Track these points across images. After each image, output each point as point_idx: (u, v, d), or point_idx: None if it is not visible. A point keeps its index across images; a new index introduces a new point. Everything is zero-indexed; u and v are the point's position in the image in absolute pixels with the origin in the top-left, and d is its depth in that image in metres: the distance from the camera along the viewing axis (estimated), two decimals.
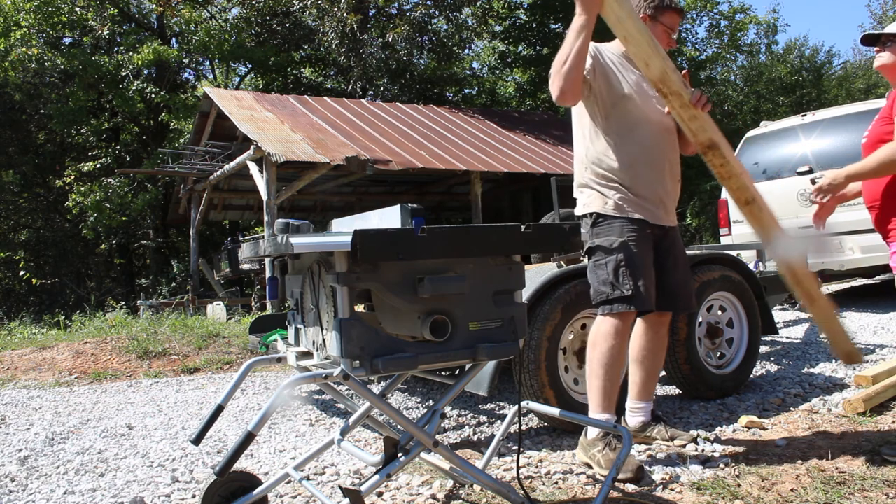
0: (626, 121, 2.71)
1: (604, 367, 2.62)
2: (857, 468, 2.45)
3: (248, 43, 18.51)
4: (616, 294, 2.60)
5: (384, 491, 2.44)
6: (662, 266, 2.79)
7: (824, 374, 4.07)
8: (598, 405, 2.63)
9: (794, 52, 24.89)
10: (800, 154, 6.82)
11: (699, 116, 2.54)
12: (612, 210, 2.69)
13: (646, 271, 2.65)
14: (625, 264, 2.61)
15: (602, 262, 2.65)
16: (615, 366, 2.62)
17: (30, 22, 16.54)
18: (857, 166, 2.54)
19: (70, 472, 2.92)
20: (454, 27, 16.69)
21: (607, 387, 2.62)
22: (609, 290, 2.62)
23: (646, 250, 2.68)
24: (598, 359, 2.63)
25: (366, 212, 2.48)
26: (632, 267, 2.61)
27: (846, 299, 7.72)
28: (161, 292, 14.75)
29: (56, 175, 18.39)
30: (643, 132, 2.71)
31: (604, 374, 2.62)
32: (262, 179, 9.86)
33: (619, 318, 2.62)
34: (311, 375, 1.98)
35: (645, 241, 2.69)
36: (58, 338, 6.77)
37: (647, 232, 2.70)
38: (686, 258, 2.91)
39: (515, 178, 12.39)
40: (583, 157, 2.80)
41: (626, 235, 2.64)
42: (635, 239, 2.65)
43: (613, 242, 2.64)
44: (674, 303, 2.82)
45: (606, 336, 2.63)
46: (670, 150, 2.79)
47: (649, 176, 2.72)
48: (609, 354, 2.61)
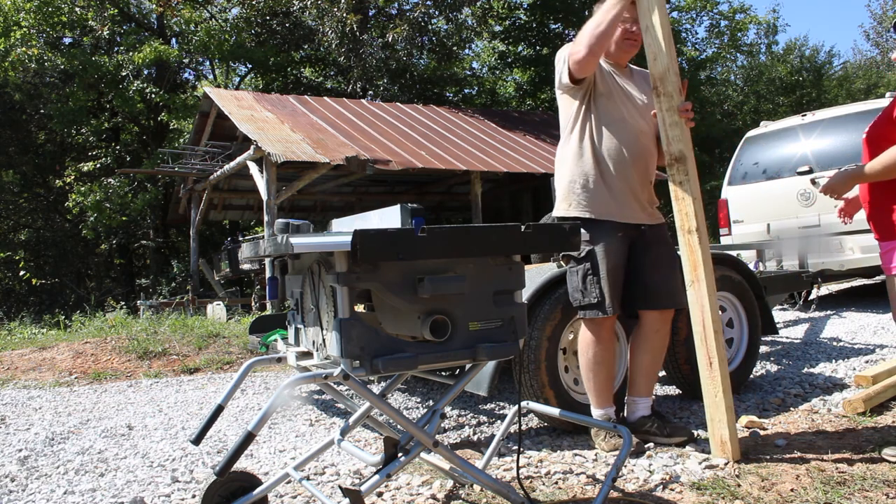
0: (606, 118, 2.79)
1: (592, 370, 2.85)
2: (857, 468, 2.45)
3: (248, 43, 18.51)
4: (586, 301, 2.78)
5: (384, 491, 2.44)
6: (641, 264, 2.87)
7: (824, 374, 4.07)
8: (595, 402, 2.89)
9: (794, 52, 24.91)
10: (800, 154, 6.82)
11: (680, 125, 2.62)
12: (576, 212, 2.79)
13: (613, 276, 2.76)
14: (591, 272, 2.77)
15: (574, 270, 2.83)
16: (603, 366, 2.84)
17: (30, 22, 16.54)
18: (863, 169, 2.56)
19: (70, 472, 2.92)
20: (454, 27, 16.69)
21: (600, 386, 2.86)
22: (580, 297, 2.81)
23: (615, 253, 2.77)
24: (586, 364, 2.86)
25: (366, 212, 2.48)
26: (597, 275, 2.76)
27: (846, 299, 7.72)
28: (161, 292, 14.76)
29: (56, 175, 18.40)
30: (620, 131, 2.79)
31: (594, 377, 2.85)
32: (262, 179, 9.86)
33: (595, 324, 2.81)
34: (311, 375, 1.98)
35: (614, 244, 2.77)
36: (58, 338, 6.77)
37: (618, 235, 2.79)
38: (671, 255, 2.93)
39: (515, 178, 12.39)
40: (559, 156, 2.92)
41: (594, 242, 2.77)
42: (602, 244, 2.76)
43: (582, 251, 2.77)
44: (656, 300, 2.87)
45: (589, 343, 2.84)
46: (646, 153, 2.86)
47: (623, 173, 2.79)
48: (595, 359, 2.83)
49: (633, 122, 2.83)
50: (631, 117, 2.82)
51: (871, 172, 2.54)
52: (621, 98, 2.82)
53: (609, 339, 2.86)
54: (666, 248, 2.93)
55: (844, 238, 6.25)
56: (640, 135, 2.84)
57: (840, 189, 2.66)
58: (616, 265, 2.79)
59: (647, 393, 2.95)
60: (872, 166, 2.53)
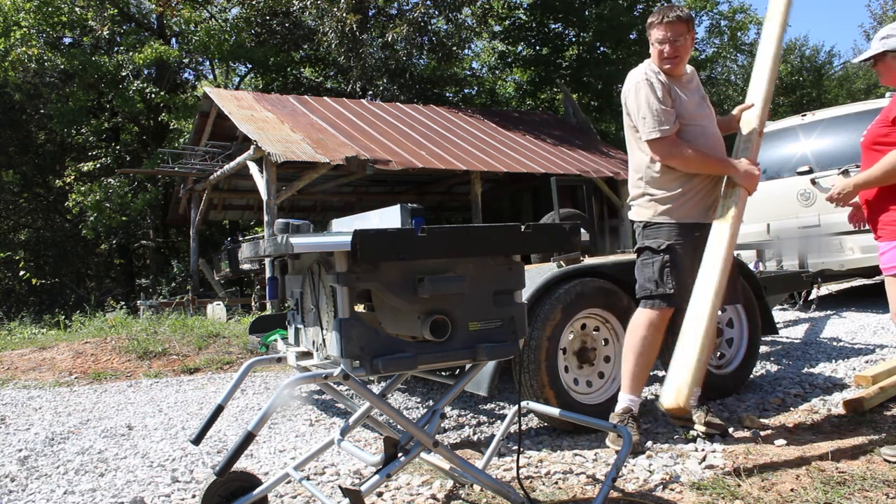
0: (686, 135, 2.90)
1: (635, 353, 2.88)
2: (857, 468, 2.45)
3: (248, 43, 18.49)
4: (659, 291, 2.86)
5: (384, 491, 2.44)
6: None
7: (824, 374, 4.07)
8: (626, 386, 2.91)
9: (795, 52, 24.91)
10: (800, 154, 6.81)
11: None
12: (660, 217, 2.91)
13: (691, 273, 2.82)
14: (671, 265, 2.85)
15: (651, 261, 2.91)
16: (645, 354, 2.87)
17: (30, 22, 16.53)
18: (864, 176, 2.61)
19: (70, 472, 2.92)
20: (454, 27, 16.67)
21: (636, 371, 2.89)
22: (652, 287, 2.88)
23: (694, 253, 2.86)
24: (632, 345, 2.90)
25: (366, 212, 2.48)
26: (677, 268, 2.85)
27: (846, 299, 7.72)
28: (161, 292, 14.75)
29: (56, 175, 18.39)
30: (701, 142, 2.91)
31: (634, 360, 2.89)
32: (262, 179, 9.86)
33: (658, 313, 2.88)
34: (311, 375, 1.98)
35: (691, 244, 2.87)
36: (58, 338, 6.76)
37: (695, 234, 2.88)
38: None
39: (515, 178, 12.39)
40: (640, 166, 2.99)
41: (673, 239, 2.87)
42: (686, 242, 2.87)
43: (661, 244, 2.87)
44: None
45: (641, 326, 2.89)
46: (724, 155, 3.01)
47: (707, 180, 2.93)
48: (641, 343, 2.87)
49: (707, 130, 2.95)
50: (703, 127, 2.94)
51: (872, 178, 2.58)
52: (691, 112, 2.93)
53: (663, 330, 2.92)
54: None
55: (844, 238, 6.24)
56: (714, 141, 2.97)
57: (845, 198, 2.71)
58: (693, 264, 2.85)
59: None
60: (873, 172, 2.56)
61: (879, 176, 2.55)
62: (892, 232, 2.58)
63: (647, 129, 2.87)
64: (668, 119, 2.84)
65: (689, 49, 2.95)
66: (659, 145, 2.86)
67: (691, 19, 2.94)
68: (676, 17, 2.88)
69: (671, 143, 2.86)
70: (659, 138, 2.85)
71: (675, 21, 2.88)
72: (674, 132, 2.86)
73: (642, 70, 2.95)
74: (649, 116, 2.86)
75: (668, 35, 2.88)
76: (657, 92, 2.85)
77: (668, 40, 2.89)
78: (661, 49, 2.91)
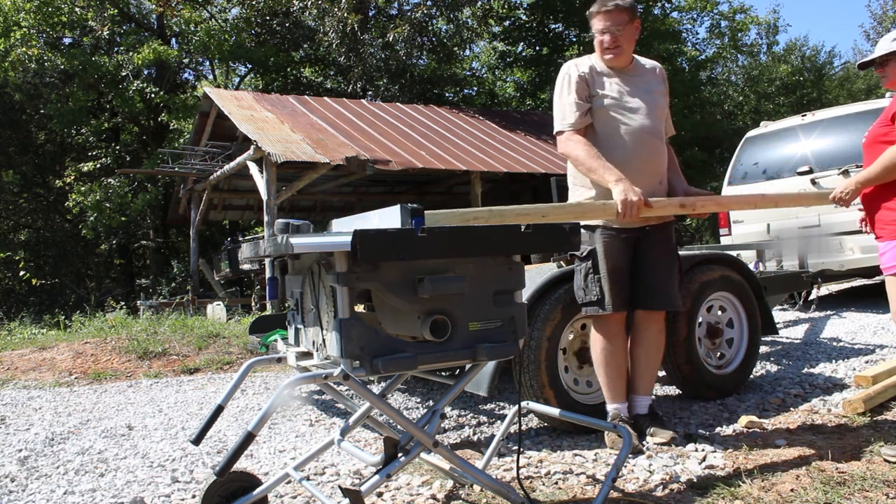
0: (606, 127, 2.81)
1: (601, 365, 2.92)
2: (857, 468, 2.45)
3: (248, 43, 18.50)
4: (587, 298, 2.84)
5: (384, 491, 2.44)
6: (640, 265, 2.90)
7: (824, 374, 4.07)
8: (607, 397, 2.94)
9: (795, 53, 24.91)
10: (800, 154, 6.81)
11: None
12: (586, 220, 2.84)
13: (614, 276, 2.80)
14: (592, 271, 2.83)
15: (578, 269, 2.89)
16: (611, 363, 2.89)
17: (30, 22, 16.53)
18: (865, 174, 2.61)
19: (70, 473, 2.92)
20: (454, 27, 16.67)
21: (609, 382, 2.91)
22: (582, 295, 2.89)
23: (617, 254, 2.82)
24: (596, 360, 2.95)
25: (366, 212, 2.48)
26: (598, 273, 2.82)
27: (846, 299, 7.72)
28: (161, 292, 14.75)
29: (56, 175, 18.39)
30: (622, 138, 2.80)
31: (603, 372, 2.92)
32: (262, 179, 9.86)
33: (600, 321, 2.88)
34: (311, 375, 1.98)
35: (617, 245, 2.82)
36: (58, 338, 6.76)
37: (621, 236, 2.83)
38: (671, 258, 2.95)
39: (515, 178, 12.37)
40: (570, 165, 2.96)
41: (595, 243, 2.83)
42: (606, 245, 2.82)
43: (584, 251, 2.85)
44: (653, 301, 2.90)
45: (596, 339, 2.92)
46: (653, 153, 2.86)
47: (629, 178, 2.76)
48: (602, 355, 2.90)
49: (632, 123, 2.82)
50: (629, 119, 2.82)
51: (872, 176, 2.58)
52: (618, 102, 2.82)
53: (616, 336, 2.88)
54: (668, 251, 2.93)
55: (844, 238, 6.25)
56: (646, 136, 2.83)
57: (849, 199, 2.70)
58: (617, 265, 2.81)
59: (644, 391, 2.96)
60: (873, 170, 2.56)
61: (879, 172, 2.55)
62: (892, 232, 2.58)
63: (555, 122, 2.86)
64: (571, 114, 2.78)
65: (631, 39, 2.82)
66: (559, 140, 2.84)
67: (633, 7, 2.80)
68: (615, 6, 2.75)
69: (566, 139, 2.80)
70: (559, 132, 2.83)
71: (614, 10, 2.76)
72: (578, 128, 2.77)
73: (572, 62, 2.89)
74: (556, 110, 2.85)
75: (607, 24, 2.77)
76: (570, 85, 2.80)
77: (607, 30, 2.78)
78: (601, 39, 2.80)
